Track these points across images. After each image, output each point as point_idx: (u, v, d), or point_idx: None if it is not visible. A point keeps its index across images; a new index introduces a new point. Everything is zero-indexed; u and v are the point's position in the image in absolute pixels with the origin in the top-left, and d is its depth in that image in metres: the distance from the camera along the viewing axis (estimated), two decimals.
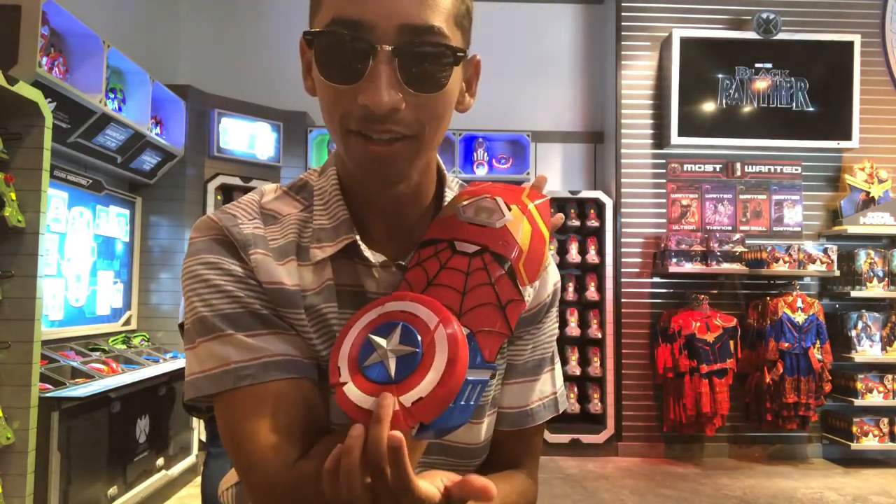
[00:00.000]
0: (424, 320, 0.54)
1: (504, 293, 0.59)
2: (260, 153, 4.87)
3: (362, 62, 0.60)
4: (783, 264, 4.75)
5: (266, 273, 0.68)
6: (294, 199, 0.75)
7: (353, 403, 0.52)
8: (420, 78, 0.61)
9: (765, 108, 5.03)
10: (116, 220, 4.15)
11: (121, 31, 4.25)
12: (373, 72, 0.60)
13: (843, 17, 5.10)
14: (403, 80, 0.61)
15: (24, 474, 2.51)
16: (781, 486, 4.23)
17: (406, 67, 0.60)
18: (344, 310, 0.70)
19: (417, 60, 0.61)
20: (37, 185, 2.64)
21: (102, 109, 3.42)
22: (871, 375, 4.71)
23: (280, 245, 0.70)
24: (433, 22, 0.61)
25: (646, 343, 4.99)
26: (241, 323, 0.66)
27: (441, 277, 0.59)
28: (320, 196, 0.74)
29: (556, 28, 5.56)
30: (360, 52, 0.60)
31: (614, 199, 5.10)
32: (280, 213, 0.73)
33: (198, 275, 0.68)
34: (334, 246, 0.70)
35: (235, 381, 0.64)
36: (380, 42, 0.59)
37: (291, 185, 0.77)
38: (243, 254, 0.68)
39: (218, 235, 0.69)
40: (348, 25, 0.60)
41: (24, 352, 2.56)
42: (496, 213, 0.64)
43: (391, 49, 0.60)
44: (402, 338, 0.53)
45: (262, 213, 0.72)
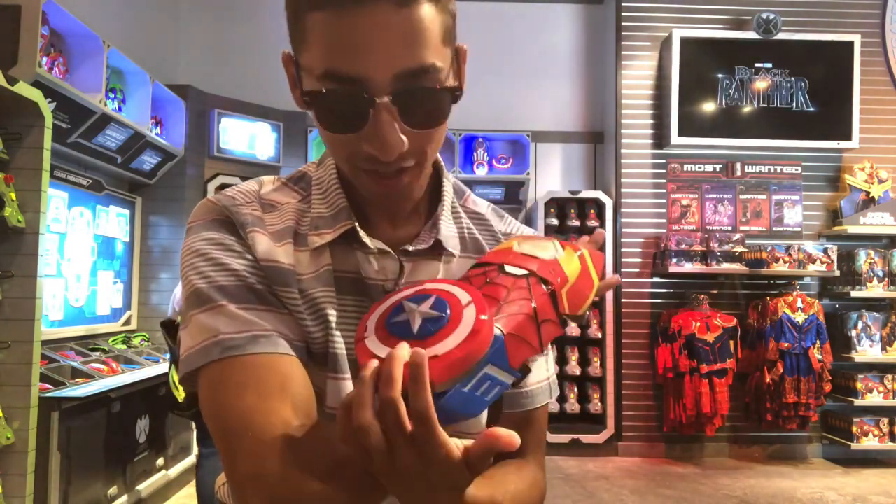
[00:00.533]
0: (458, 297, 0.56)
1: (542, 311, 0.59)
2: (260, 153, 4.87)
3: (363, 114, 0.61)
4: (783, 264, 4.76)
5: (263, 251, 0.68)
6: (292, 190, 0.76)
7: (370, 352, 0.53)
8: (421, 119, 0.62)
9: (765, 108, 5.03)
10: (116, 220, 4.15)
11: (121, 31, 4.25)
12: (374, 122, 0.61)
13: (843, 17, 5.11)
14: (405, 123, 0.61)
15: (24, 474, 2.51)
16: (781, 486, 4.23)
17: (406, 112, 0.61)
18: (343, 296, 0.70)
19: (417, 104, 0.62)
20: (37, 185, 2.64)
21: (102, 109, 3.42)
22: (871, 375, 4.71)
23: (278, 229, 0.70)
24: (426, 60, 0.60)
25: (646, 343, 4.99)
26: (236, 295, 0.65)
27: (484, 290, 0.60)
28: (318, 186, 0.75)
29: (556, 28, 5.56)
30: (359, 106, 0.60)
31: (614, 199, 5.10)
32: (279, 203, 0.73)
33: (196, 250, 0.68)
34: (333, 232, 0.70)
35: (222, 352, 0.62)
36: (378, 94, 0.60)
37: (290, 176, 0.78)
38: (241, 231, 0.69)
39: (217, 216, 0.70)
40: (344, 80, 0.60)
41: (24, 352, 2.56)
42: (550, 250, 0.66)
43: (389, 99, 0.60)
44: (433, 306, 0.55)
45: (261, 202, 0.73)
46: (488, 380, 0.54)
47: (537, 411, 0.81)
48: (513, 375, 0.57)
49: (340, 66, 0.60)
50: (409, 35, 0.59)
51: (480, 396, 0.54)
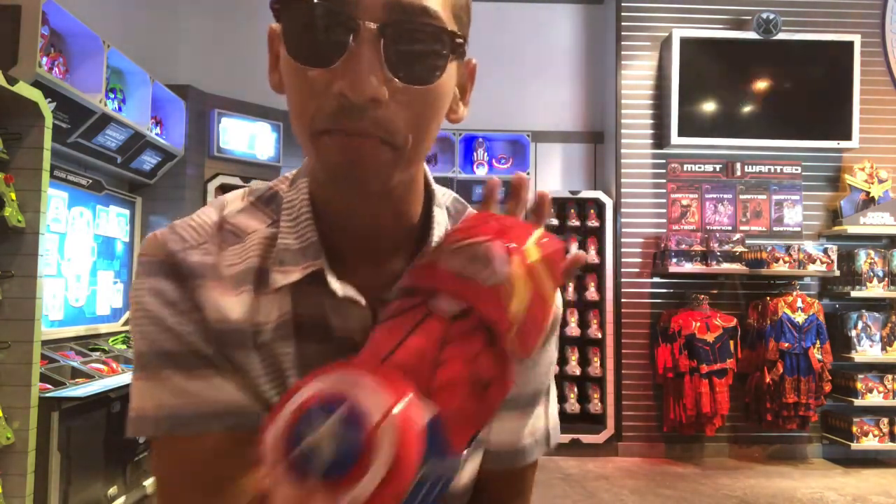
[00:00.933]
0: (373, 404, 0.43)
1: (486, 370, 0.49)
2: (260, 153, 4.87)
3: (341, 41, 0.50)
4: (783, 264, 4.76)
5: (213, 309, 0.59)
6: (262, 212, 0.64)
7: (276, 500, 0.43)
8: (409, 65, 0.51)
9: (765, 108, 5.03)
10: (116, 220, 4.15)
11: (121, 31, 4.25)
12: (353, 53, 0.49)
13: (843, 17, 5.10)
14: (389, 67, 0.50)
15: (24, 474, 2.51)
16: (781, 486, 4.23)
17: (393, 50, 0.50)
18: (304, 344, 0.61)
19: (407, 42, 0.51)
20: (37, 185, 2.64)
21: (102, 109, 3.42)
22: (871, 375, 4.71)
23: (238, 270, 0.60)
24: (429, 4, 0.51)
25: (646, 343, 4.99)
26: (181, 362, 0.58)
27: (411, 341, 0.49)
28: (289, 211, 0.63)
29: (556, 28, 5.56)
30: (338, 28, 0.50)
31: (614, 199, 5.10)
32: (244, 231, 0.63)
33: (140, 303, 0.60)
34: (299, 271, 0.59)
35: (169, 429, 0.58)
36: (363, 17, 0.49)
37: (260, 195, 0.66)
38: (190, 283, 0.59)
39: (163, 259, 0.61)
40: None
41: (24, 352, 2.56)
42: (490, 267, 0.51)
43: (377, 27, 0.49)
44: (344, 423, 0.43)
45: (223, 229, 0.63)
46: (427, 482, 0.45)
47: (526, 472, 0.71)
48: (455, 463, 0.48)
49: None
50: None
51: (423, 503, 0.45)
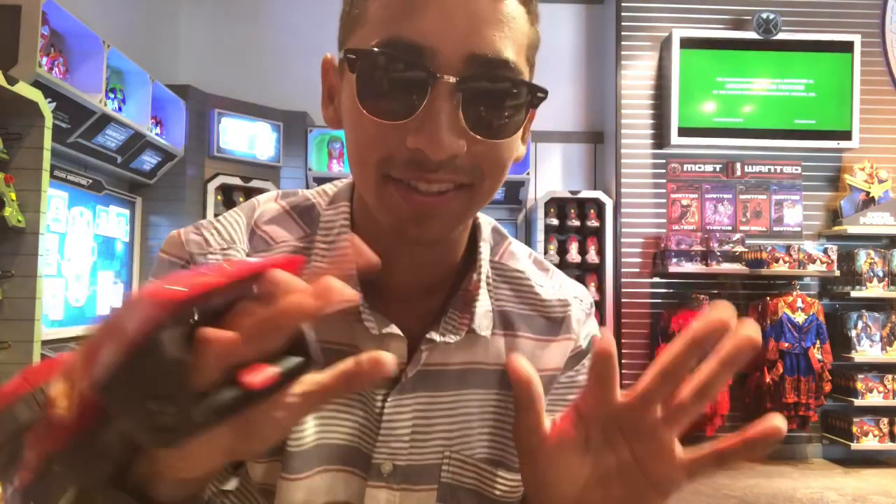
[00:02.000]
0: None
1: None
2: (260, 153, 4.87)
3: (419, 95, 0.48)
4: (783, 264, 4.75)
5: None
6: (295, 223, 0.62)
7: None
8: (488, 120, 0.50)
9: (765, 108, 5.03)
10: (116, 220, 4.15)
11: (121, 31, 4.25)
12: (431, 107, 0.48)
13: (843, 17, 5.10)
14: (467, 122, 0.49)
15: None
16: (781, 486, 4.22)
17: (472, 106, 0.49)
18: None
19: (487, 98, 0.50)
20: (37, 185, 2.63)
21: (102, 109, 3.42)
22: (871, 375, 4.71)
23: None
24: (508, 55, 0.50)
25: (646, 343, 4.98)
26: None
27: None
28: (326, 232, 0.60)
29: (556, 28, 5.55)
30: (416, 82, 0.48)
31: (614, 199, 5.10)
32: (274, 240, 0.60)
33: None
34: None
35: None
36: (442, 71, 0.48)
37: (296, 204, 0.63)
38: None
39: (177, 261, 0.58)
40: (405, 46, 0.48)
41: (24, 352, 2.56)
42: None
43: (455, 81, 0.48)
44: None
45: (253, 234, 0.60)
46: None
47: None
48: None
49: (403, 29, 0.48)
50: (495, 20, 0.49)
51: None
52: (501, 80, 0.50)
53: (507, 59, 0.50)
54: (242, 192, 4.81)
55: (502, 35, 0.49)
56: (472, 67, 0.48)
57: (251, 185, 4.75)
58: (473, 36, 0.48)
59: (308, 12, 5.22)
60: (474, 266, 0.62)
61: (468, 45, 0.48)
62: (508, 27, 0.50)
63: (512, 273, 0.67)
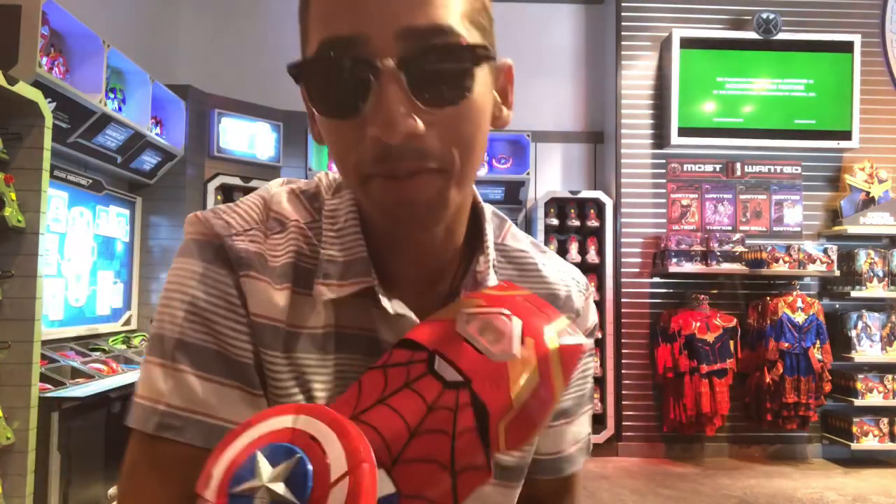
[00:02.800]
0: (330, 463, 0.40)
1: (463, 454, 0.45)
2: (260, 153, 4.87)
3: (363, 86, 0.48)
4: (783, 264, 4.75)
5: (257, 303, 0.56)
6: (303, 206, 0.62)
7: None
8: (437, 89, 0.49)
9: (765, 107, 5.03)
10: (116, 220, 4.15)
11: (121, 31, 4.25)
12: (378, 94, 0.48)
13: (843, 17, 5.10)
14: (416, 98, 0.48)
15: (24, 474, 2.51)
16: (781, 486, 4.23)
17: (417, 80, 0.48)
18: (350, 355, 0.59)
19: (430, 68, 0.49)
20: (37, 185, 2.63)
21: (102, 109, 3.42)
22: (871, 375, 4.71)
23: (280, 264, 0.58)
24: (441, 21, 0.49)
25: (646, 343, 4.99)
26: (201, 361, 0.54)
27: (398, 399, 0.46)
28: (332, 219, 0.61)
29: (556, 28, 5.56)
30: (357, 74, 0.48)
31: (614, 199, 5.10)
32: (287, 219, 0.61)
33: (182, 285, 0.56)
34: (345, 287, 0.57)
35: (156, 428, 0.53)
36: (379, 55, 0.48)
37: (305, 188, 0.64)
38: (235, 274, 0.56)
39: (212, 241, 0.58)
40: (339, 45, 0.48)
41: (24, 352, 2.56)
42: (503, 342, 0.48)
43: (395, 62, 0.48)
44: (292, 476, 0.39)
45: (268, 215, 0.61)
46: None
47: (576, 475, 0.71)
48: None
49: (336, 29, 0.49)
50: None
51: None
52: (439, 47, 0.49)
53: (440, 24, 0.49)
54: (242, 192, 4.81)
55: (430, 2, 0.49)
56: (407, 43, 0.48)
57: (251, 185, 4.75)
58: (401, 11, 0.48)
59: None
60: (481, 248, 0.63)
61: (397, 22, 0.48)
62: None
63: (515, 253, 0.68)
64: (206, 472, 0.42)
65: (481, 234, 0.64)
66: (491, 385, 0.46)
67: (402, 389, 0.47)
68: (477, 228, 0.64)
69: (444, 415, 0.45)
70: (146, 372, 0.55)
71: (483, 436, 0.46)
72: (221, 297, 0.56)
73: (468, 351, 0.48)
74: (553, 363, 0.49)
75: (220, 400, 0.54)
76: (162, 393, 0.54)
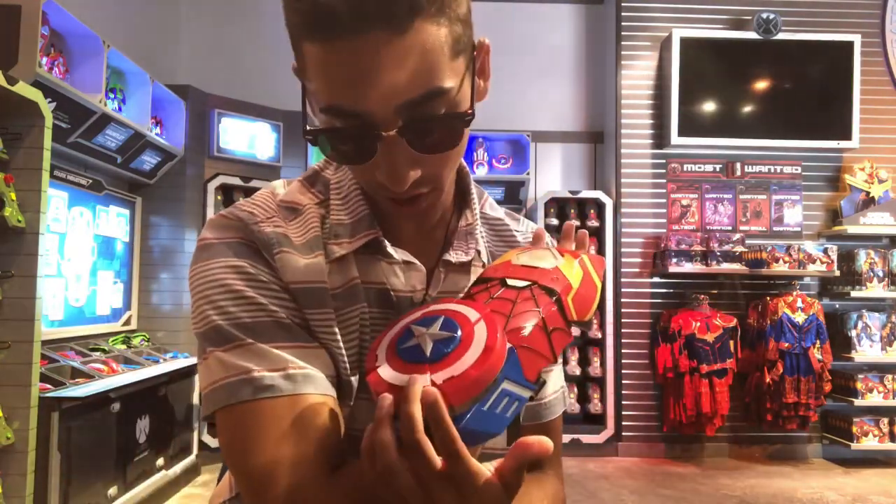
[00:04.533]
0: (466, 315, 0.54)
1: (551, 319, 0.58)
2: (260, 153, 4.87)
3: (370, 148, 0.57)
4: (783, 264, 4.75)
5: (292, 272, 0.64)
6: (309, 191, 0.72)
7: (385, 382, 0.51)
8: (432, 145, 0.58)
9: (765, 108, 5.03)
10: (116, 220, 4.15)
11: (121, 31, 4.25)
12: (383, 154, 0.57)
13: (843, 17, 5.10)
14: (416, 150, 0.57)
15: (24, 474, 2.51)
16: (781, 486, 4.23)
17: (416, 142, 0.57)
18: (372, 309, 0.67)
19: (426, 133, 0.57)
20: (37, 185, 2.63)
21: (102, 109, 3.42)
22: (871, 375, 4.71)
23: (306, 239, 0.67)
24: (431, 85, 0.55)
25: (646, 343, 4.99)
26: (263, 333, 0.61)
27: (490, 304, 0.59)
28: (337, 190, 0.71)
29: (556, 28, 5.56)
30: (366, 141, 0.57)
31: (614, 199, 5.10)
32: (300, 204, 0.69)
33: (214, 279, 0.63)
34: (354, 242, 0.67)
35: (255, 392, 0.58)
36: (383, 128, 0.56)
37: (305, 177, 0.74)
38: (267, 255, 0.64)
39: (236, 237, 0.65)
40: (347, 115, 0.56)
41: (24, 352, 2.56)
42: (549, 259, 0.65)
43: (395, 132, 0.56)
44: (443, 327, 0.53)
45: (281, 206, 0.69)
46: (506, 396, 0.53)
47: (554, 422, 0.80)
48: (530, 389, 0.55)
49: (341, 101, 0.56)
50: (410, 62, 0.54)
51: (500, 413, 0.53)
52: (433, 117, 0.57)
53: (432, 88, 0.55)
54: (242, 192, 4.81)
55: (421, 69, 0.54)
56: (405, 114, 0.55)
57: (251, 185, 4.75)
58: (397, 89, 0.54)
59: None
60: (468, 204, 0.75)
61: (396, 98, 0.54)
62: (424, 56, 0.54)
63: (493, 220, 0.80)
64: (370, 356, 0.55)
65: (467, 192, 0.76)
66: (553, 279, 0.62)
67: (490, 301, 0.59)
68: (463, 187, 0.76)
69: (527, 302, 0.59)
70: (215, 361, 0.61)
71: (560, 308, 0.60)
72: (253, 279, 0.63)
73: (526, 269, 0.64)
74: (586, 264, 0.67)
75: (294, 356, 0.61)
76: (244, 366, 0.60)
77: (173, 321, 4.41)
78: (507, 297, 0.59)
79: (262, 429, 0.58)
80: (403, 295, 0.68)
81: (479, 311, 0.55)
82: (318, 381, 0.61)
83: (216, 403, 0.59)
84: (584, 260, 0.67)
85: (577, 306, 0.62)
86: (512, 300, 0.59)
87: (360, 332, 0.66)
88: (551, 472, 0.77)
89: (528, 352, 0.55)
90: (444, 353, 0.51)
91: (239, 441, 0.59)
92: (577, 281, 0.63)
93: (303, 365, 0.61)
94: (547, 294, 0.60)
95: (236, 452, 0.59)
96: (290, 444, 0.57)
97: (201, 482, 4.06)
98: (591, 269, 0.67)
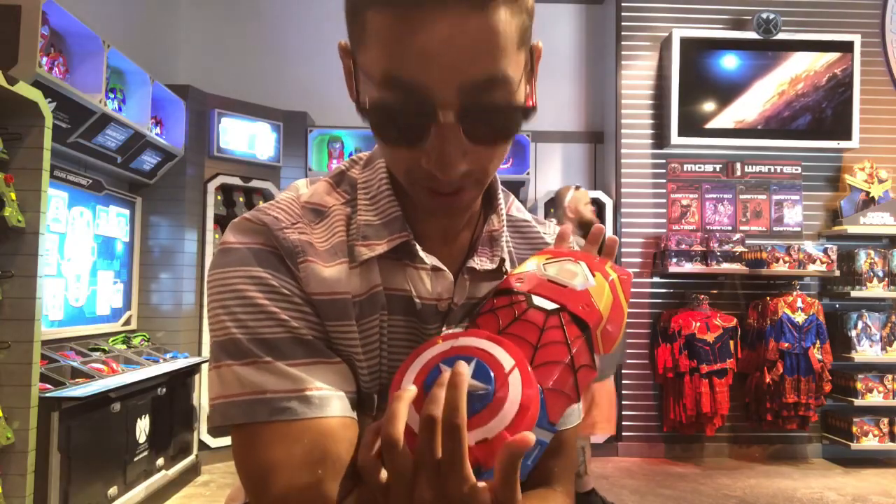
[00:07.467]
0: (500, 360, 0.50)
1: (579, 356, 0.56)
2: (260, 153, 4.87)
3: (424, 128, 0.54)
4: (783, 264, 4.75)
5: (316, 282, 0.62)
6: (335, 191, 0.69)
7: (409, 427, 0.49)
8: (487, 136, 0.56)
9: (765, 108, 5.03)
10: (116, 220, 4.15)
11: (121, 31, 4.25)
12: (436, 138, 0.54)
13: (843, 17, 5.10)
14: (469, 140, 0.55)
15: (24, 474, 2.51)
16: (781, 486, 4.22)
17: (471, 130, 0.55)
18: (392, 316, 0.65)
19: (484, 122, 0.55)
20: (37, 185, 2.64)
21: (102, 109, 3.42)
22: (871, 375, 4.71)
23: (330, 245, 0.64)
24: (497, 71, 0.53)
25: (646, 343, 4.99)
26: (282, 350, 0.59)
27: (514, 328, 0.56)
28: (365, 190, 0.68)
29: (556, 28, 5.56)
30: (420, 120, 0.54)
31: (614, 199, 5.10)
32: (325, 206, 0.67)
33: (235, 289, 0.60)
34: (385, 244, 0.64)
35: (270, 414, 0.57)
36: (441, 107, 0.53)
37: (331, 176, 0.71)
38: (291, 264, 0.62)
39: (259, 243, 0.62)
40: (405, 87, 0.53)
41: (24, 352, 2.56)
42: (579, 277, 0.62)
43: (454, 115, 0.53)
44: (476, 373, 0.49)
45: (305, 209, 0.66)
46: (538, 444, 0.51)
47: (566, 433, 0.74)
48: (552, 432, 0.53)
49: (402, 71, 0.53)
50: (482, 42, 0.52)
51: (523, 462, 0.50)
52: (495, 103, 0.54)
53: (497, 74, 0.53)
54: (242, 192, 4.81)
55: (491, 52, 0.53)
56: (466, 96, 0.53)
57: (251, 185, 4.76)
58: (464, 68, 0.52)
59: (308, 12, 5.22)
60: (495, 209, 0.72)
61: (458, 76, 0.52)
62: (496, 39, 0.53)
63: (520, 223, 0.78)
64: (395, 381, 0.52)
65: (494, 197, 0.73)
66: (583, 307, 0.59)
67: (514, 322, 0.57)
68: (491, 192, 0.73)
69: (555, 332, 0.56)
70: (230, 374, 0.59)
71: (588, 342, 0.58)
72: (276, 292, 0.60)
73: (555, 287, 0.60)
74: (617, 287, 0.64)
75: (312, 375, 0.59)
76: (259, 384, 0.58)
77: (173, 321, 4.41)
78: (534, 321, 0.56)
79: (277, 453, 0.57)
80: (428, 302, 0.66)
81: (514, 357, 0.51)
82: (335, 404, 0.59)
83: (230, 419, 0.58)
84: (615, 282, 0.64)
85: (605, 339, 0.60)
86: (539, 326, 0.56)
87: (379, 342, 0.64)
88: (560, 489, 0.72)
89: (555, 394, 0.53)
90: (476, 409, 0.48)
91: (253, 466, 0.58)
92: (606, 310, 0.60)
93: (320, 385, 0.59)
94: (576, 325, 0.57)
95: (251, 478, 0.58)
96: (303, 472, 0.56)
97: (201, 482, 4.06)
98: (620, 294, 0.64)
